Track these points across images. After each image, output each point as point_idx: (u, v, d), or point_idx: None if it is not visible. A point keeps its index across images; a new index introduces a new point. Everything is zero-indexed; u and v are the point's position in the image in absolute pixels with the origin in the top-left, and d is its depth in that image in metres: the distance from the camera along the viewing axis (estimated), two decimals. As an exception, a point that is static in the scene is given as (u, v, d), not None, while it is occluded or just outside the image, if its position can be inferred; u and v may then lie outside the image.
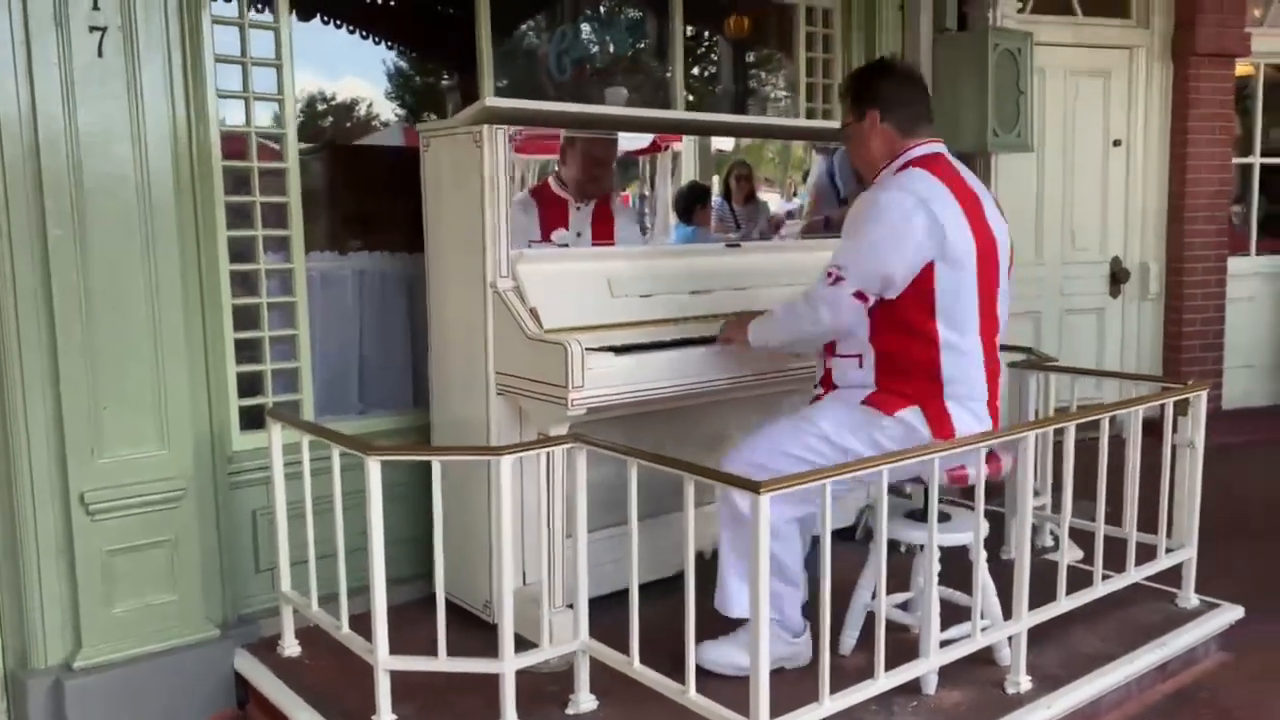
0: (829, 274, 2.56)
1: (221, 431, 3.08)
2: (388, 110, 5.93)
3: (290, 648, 3.04)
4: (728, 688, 2.42)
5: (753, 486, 2.09)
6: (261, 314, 3.20)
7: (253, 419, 3.18)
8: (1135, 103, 5.89)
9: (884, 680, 2.41)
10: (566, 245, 3.17)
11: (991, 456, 2.70)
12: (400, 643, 2.54)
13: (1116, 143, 5.89)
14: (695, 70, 5.98)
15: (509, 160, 2.90)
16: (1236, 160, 6.20)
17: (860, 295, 2.54)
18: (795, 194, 4.09)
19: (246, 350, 3.19)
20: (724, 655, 2.70)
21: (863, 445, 2.59)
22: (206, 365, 3.03)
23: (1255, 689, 3.04)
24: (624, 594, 3.00)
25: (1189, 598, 3.27)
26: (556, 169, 3.23)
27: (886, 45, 4.56)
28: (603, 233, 3.28)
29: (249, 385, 3.20)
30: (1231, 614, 3.24)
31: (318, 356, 3.38)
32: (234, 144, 3.13)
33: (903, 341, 2.57)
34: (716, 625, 2.78)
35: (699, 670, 2.40)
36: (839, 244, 2.62)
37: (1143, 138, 5.92)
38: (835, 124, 4.23)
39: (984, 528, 2.65)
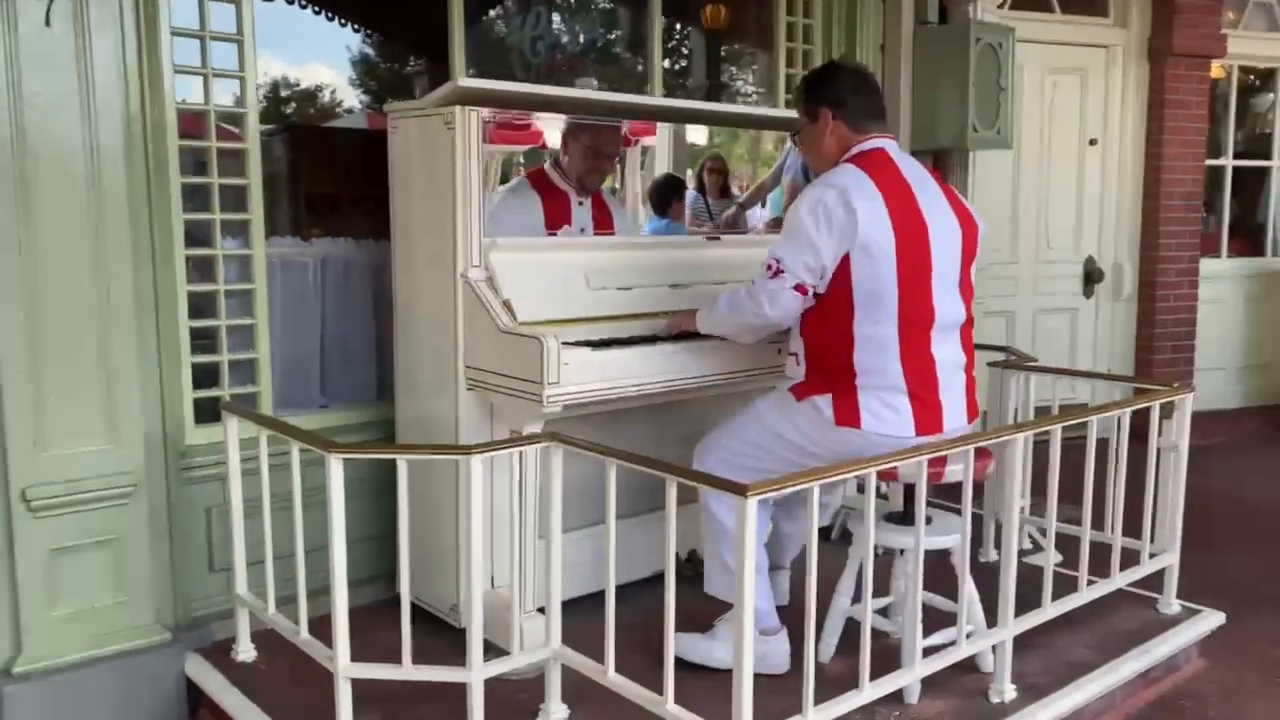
0: (769, 266, 2.59)
1: (174, 425, 2.92)
2: (351, 96, 5.77)
3: (245, 652, 2.90)
4: (707, 697, 2.32)
5: (739, 490, 1.99)
6: (218, 302, 3.04)
7: (208, 412, 3.03)
8: (1111, 102, 5.85)
9: (869, 691, 2.32)
10: (582, 230, 3.04)
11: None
12: (362, 647, 2.41)
13: (1093, 142, 5.85)
14: (667, 63, 5.87)
15: (482, 144, 2.78)
16: (1208, 162, 6.19)
17: (800, 288, 2.57)
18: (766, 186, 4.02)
19: (202, 340, 3.04)
20: (696, 646, 2.75)
21: (785, 428, 2.68)
22: (159, 355, 2.87)
23: (1236, 697, 2.99)
24: (599, 595, 2.91)
25: (1170, 603, 3.21)
26: (555, 158, 3.11)
27: (868, 36, 4.48)
28: (604, 228, 3.16)
29: (204, 377, 3.04)
30: (1213, 620, 3.19)
31: (277, 347, 3.24)
32: (191, 123, 2.98)
33: (823, 334, 2.61)
34: (699, 623, 2.75)
35: (676, 666, 2.32)
36: (779, 238, 2.62)
37: (1118, 137, 5.89)
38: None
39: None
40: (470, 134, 2.74)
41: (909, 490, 2.75)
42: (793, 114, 4.02)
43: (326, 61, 5.36)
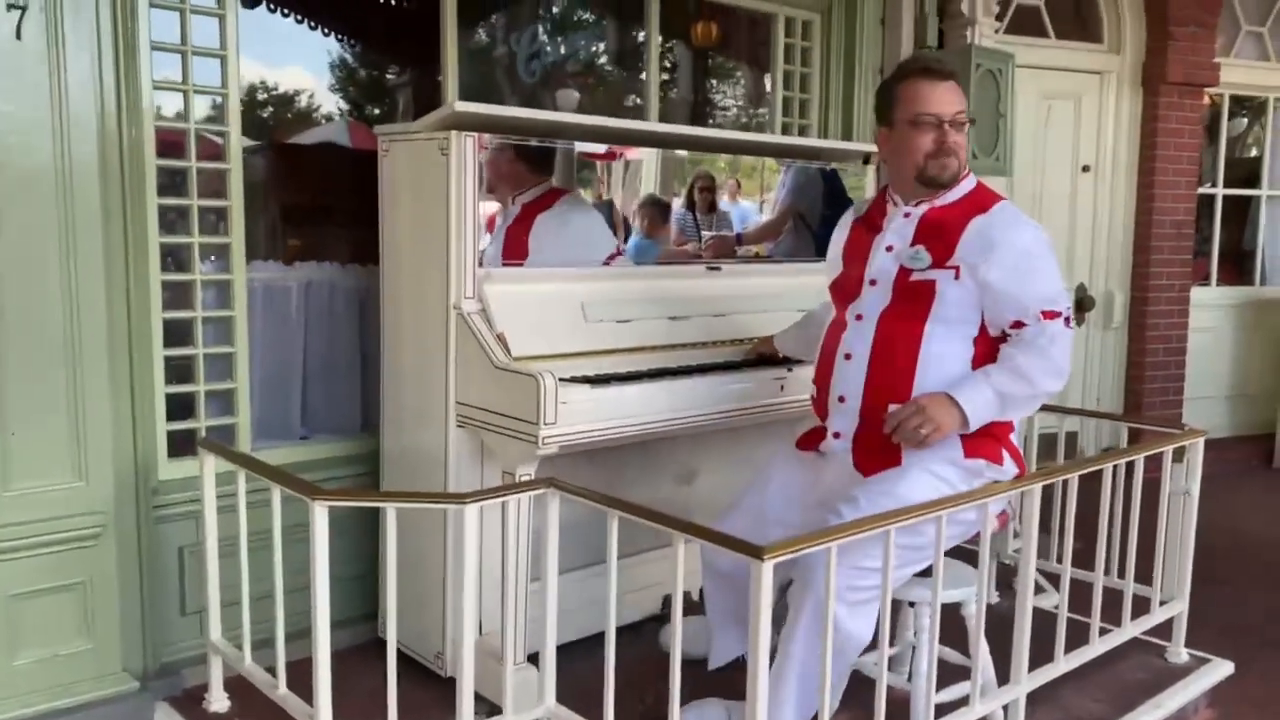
0: (1065, 318, 2.36)
1: (147, 459, 2.77)
2: (330, 103, 5.61)
3: (218, 701, 2.74)
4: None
5: (754, 552, 1.87)
6: (196, 329, 2.90)
7: (182, 445, 2.88)
8: (1105, 129, 5.79)
9: (885, 756, 2.21)
10: (482, 252, 2.81)
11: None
12: (341, 696, 2.28)
13: (1085, 169, 5.79)
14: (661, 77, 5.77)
15: (478, 170, 2.65)
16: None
17: None
18: (761, 208, 3.94)
19: (177, 369, 2.90)
20: None
21: (973, 512, 2.36)
22: (132, 386, 2.72)
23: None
24: (587, 642, 2.80)
25: (1179, 652, 3.12)
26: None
27: (866, 61, 4.39)
28: (512, 246, 2.90)
29: (178, 408, 2.89)
30: (1222, 670, 3.10)
31: (257, 377, 3.09)
32: (170, 140, 2.83)
33: None
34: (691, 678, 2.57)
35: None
36: (1031, 282, 2.36)
37: (1111, 164, 5.83)
38: (815, 142, 4.08)
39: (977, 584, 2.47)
40: (466, 160, 2.62)
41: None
42: (790, 140, 3.94)
43: (306, 69, 5.21)
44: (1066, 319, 2.36)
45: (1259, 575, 4.27)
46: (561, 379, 2.52)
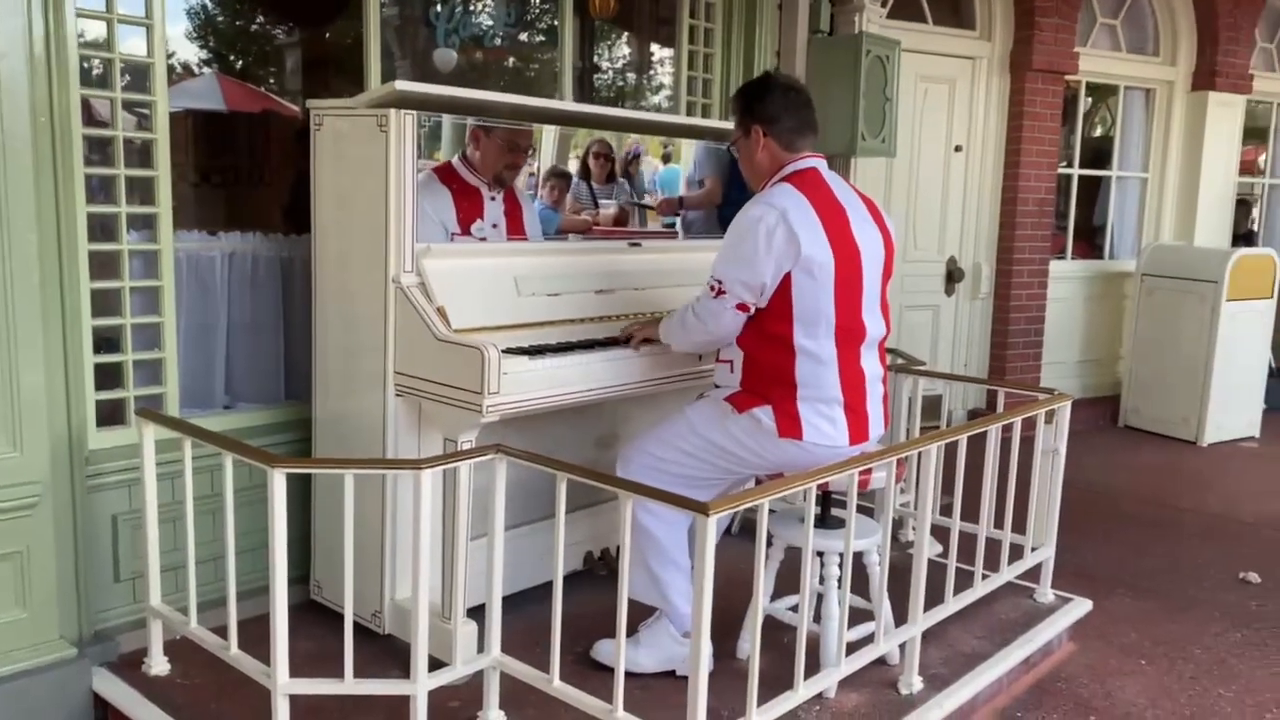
0: (711, 287, 2.67)
1: (79, 429, 2.78)
2: (190, 54, 5.43)
3: (158, 665, 2.80)
4: (641, 702, 2.40)
5: (701, 508, 2.07)
6: (123, 299, 2.90)
7: (110, 415, 2.90)
8: (976, 111, 6.19)
9: (803, 690, 2.45)
10: (485, 239, 3.01)
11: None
12: (282, 656, 2.38)
13: (958, 148, 6.18)
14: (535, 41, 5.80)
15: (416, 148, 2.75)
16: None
17: (742, 306, 2.66)
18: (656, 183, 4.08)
19: (102, 339, 2.90)
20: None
21: (720, 437, 2.74)
22: (65, 356, 2.72)
23: (1102, 677, 3.28)
24: (517, 596, 2.97)
25: (1046, 593, 3.50)
26: (465, 151, 3.06)
27: (764, 44, 4.60)
28: (514, 224, 3.14)
29: (104, 377, 2.90)
30: (1082, 607, 3.49)
31: (182, 345, 3.11)
32: (96, 109, 2.81)
33: (763, 347, 2.69)
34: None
35: (598, 670, 2.48)
36: (718, 256, 2.69)
37: (981, 145, 6.24)
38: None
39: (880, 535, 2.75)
40: (405, 137, 2.70)
41: (827, 496, 2.91)
42: (712, 123, 4.13)
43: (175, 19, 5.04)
44: (718, 293, 2.64)
45: (1110, 523, 4.75)
46: (503, 350, 2.65)
